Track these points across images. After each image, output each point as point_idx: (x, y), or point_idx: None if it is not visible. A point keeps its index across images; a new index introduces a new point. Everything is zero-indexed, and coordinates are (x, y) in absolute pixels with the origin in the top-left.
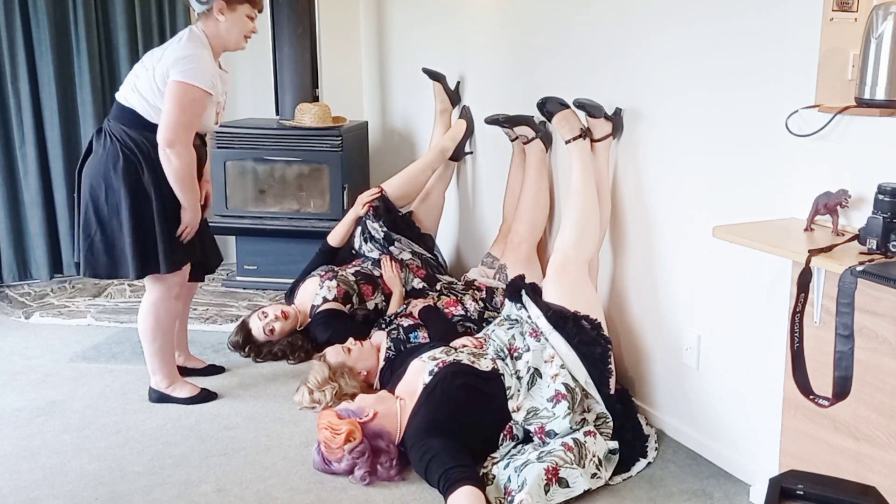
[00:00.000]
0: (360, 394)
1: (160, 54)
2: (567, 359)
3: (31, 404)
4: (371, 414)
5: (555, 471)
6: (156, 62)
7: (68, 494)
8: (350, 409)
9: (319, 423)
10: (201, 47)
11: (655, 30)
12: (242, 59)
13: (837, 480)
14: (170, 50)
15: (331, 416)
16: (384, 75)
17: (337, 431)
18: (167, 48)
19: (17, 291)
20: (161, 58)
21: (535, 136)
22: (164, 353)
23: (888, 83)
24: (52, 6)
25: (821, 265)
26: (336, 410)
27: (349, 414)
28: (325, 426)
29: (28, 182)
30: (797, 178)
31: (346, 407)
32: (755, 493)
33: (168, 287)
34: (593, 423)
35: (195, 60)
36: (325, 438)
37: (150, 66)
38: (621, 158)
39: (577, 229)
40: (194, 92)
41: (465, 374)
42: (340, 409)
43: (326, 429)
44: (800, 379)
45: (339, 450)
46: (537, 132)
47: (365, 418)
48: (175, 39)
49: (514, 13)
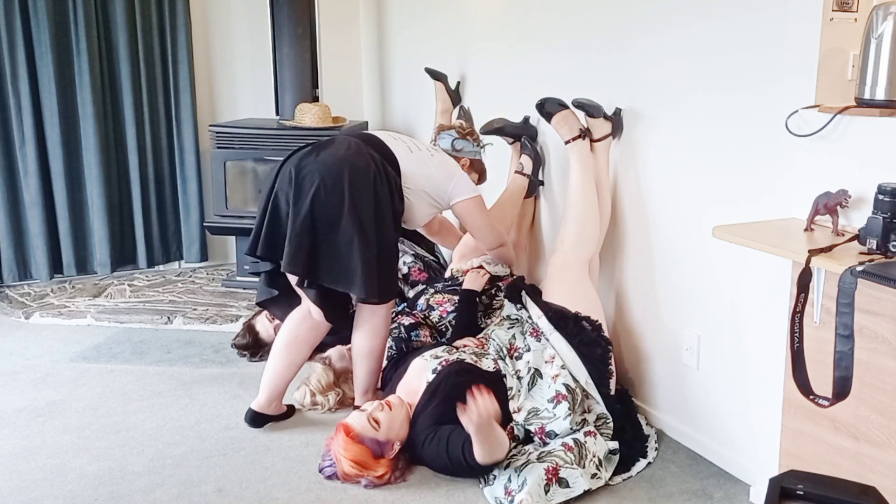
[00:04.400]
0: (377, 406)
1: (443, 159)
2: (567, 359)
3: (31, 404)
4: (398, 447)
5: (555, 471)
6: (440, 163)
7: (68, 494)
8: (379, 442)
9: (342, 452)
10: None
11: (655, 30)
12: (242, 59)
13: (837, 480)
14: (454, 166)
15: (364, 455)
16: (384, 75)
17: (370, 471)
18: (450, 162)
19: (17, 291)
20: (444, 165)
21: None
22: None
23: (888, 83)
24: (52, 6)
25: (821, 265)
26: (367, 445)
27: (380, 450)
28: (353, 462)
29: (28, 182)
30: (797, 178)
31: (374, 439)
32: (755, 493)
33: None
34: (593, 423)
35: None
36: (350, 473)
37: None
38: (621, 158)
39: (577, 229)
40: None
41: (468, 373)
42: (370, 443)
43: (355, 467)
44: (800, 379)
45: (368, 483)
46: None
47: (392, 454)
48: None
49: (515, 13)
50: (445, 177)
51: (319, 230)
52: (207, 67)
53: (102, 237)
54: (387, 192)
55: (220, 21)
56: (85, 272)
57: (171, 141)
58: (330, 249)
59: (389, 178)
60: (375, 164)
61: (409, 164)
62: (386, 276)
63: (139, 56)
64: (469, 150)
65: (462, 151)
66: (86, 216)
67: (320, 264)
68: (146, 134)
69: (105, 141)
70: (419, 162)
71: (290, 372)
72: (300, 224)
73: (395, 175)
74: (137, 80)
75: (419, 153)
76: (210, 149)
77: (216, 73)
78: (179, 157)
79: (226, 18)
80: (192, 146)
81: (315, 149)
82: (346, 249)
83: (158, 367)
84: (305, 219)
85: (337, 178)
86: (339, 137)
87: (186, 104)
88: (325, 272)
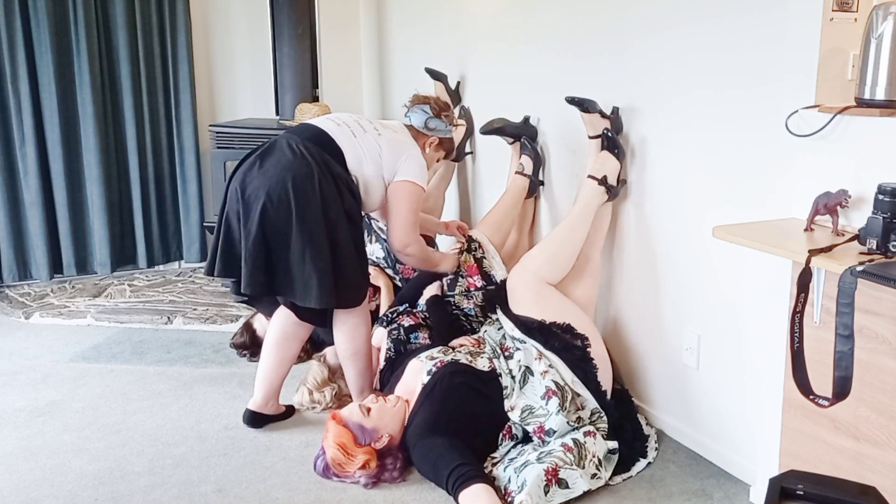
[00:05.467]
0: (373, 398)
1: (392, 137)
2: (552, 359)
3: (31, 404)
4: (387, 440)
5: (554, 471)
6: (388, 143)
7: (68, 494)
8: (365, 429)
9: (329, 435)
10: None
11: (655, 30)
12: (242, 58)
13: (837, 480)
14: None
15: (345, 438)
16: (384, 75)
17: (352, 457)
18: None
19: (17, 291)
20: (394, 144)
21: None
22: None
23: (888, 83)
24: (52, 6)
25: (821, 265)
26: (351, 428)
27: (365, 437)
28: (338, 446)
29: (28, 182)
30: (797, 178)
31: (360, 424)
32: (755, 493)
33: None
34: (589, 419)
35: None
36: (336, 459)
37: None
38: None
39: (546, 259)
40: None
41: (464, 374)
42: (354, 427)
43: (340, 450)
44: (800, 379)
45: (350, 473)
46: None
47: (379, 445)
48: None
49: (515, 13)
50: (395, 154)
51: (272, 246)
52: (207, 67)
53: (102, 237)
54: (334, 192)
55: (220, 21)
56: (85, 272)
57: (171, 141)
58: (284, 264)
59: (335, 175)
60: (318, 165)
61: (355, 153)
62: (347, 281)
63: (139, 56)
64: (442, 130)
65: (435, 131)
66: (86, 216)
67: (277, 279)
68: (146, 134)
69: (105, 141)
70: (365, 146)
71: (282, 368)
72: (252, 243)
73: (342, 168)
74: (137, 80)
75: (365, 136)
76: (210, 149)
77: (216, 73)
78: (179, 157)
79: (226, 18)
80: (192, 146)
81: (257, 158)
82: (298, 262)
83: (158, 367)
84: (257, 237)
85: (282, 191)
86: (281, 140)
87: (186, 104)
88: (283, 287)
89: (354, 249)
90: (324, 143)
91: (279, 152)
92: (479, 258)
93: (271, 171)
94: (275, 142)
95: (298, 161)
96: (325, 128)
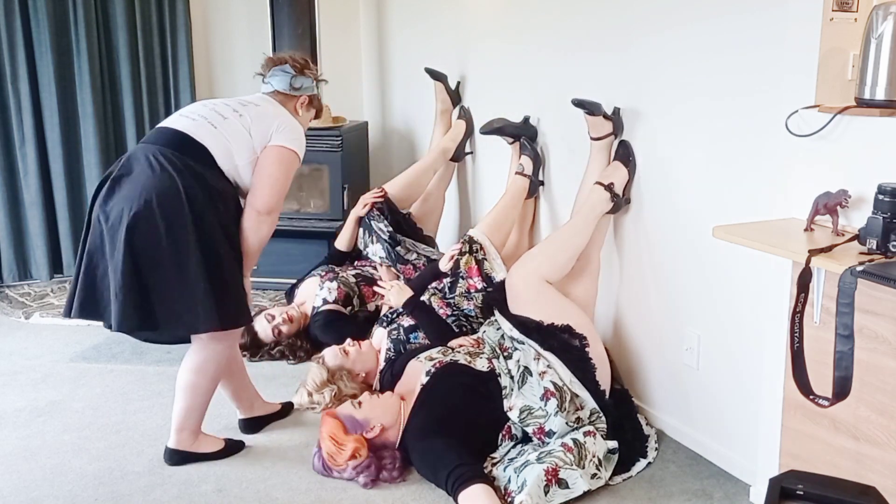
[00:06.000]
0: (367, 395)
1: (256, 113)
2: (550, 359)
3: (31, 404)
4: (378, 430)
5: (554, 472)
6: (254, 121)
7: (68, 494)
8: (356, 419)
9: (322, 429)
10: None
11: (655, 30)
12: (242, 58)
13: (837, 480)
14: (274, 115)
15: (335, 428)
16: (384, 75)
17: (342, 446)
18: (267, 111)
19: (17, 291)
20: (261, 119)
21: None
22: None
23: (888, 83)
24: (52, 6)
25: (821, 265)
26: (341, 419)
27: (355, 426)
28: (329, 437)
29: (28, 182)
30: (797, 178)
31: (350, 415)
32: (755, 493)
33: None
34: (588, 419)
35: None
36: (328, 451)
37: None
38: None
39: (546, 259)
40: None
41: (462, 375)
42: (345, 418)
43: (331, 441)
44: (800, 379)
45: (343, 464)
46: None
47: (371, 434)
48: (267, 102)
49: (515, 13)
50: (264, 129)
51: (144, 273)
52: (207, 67)
53: None
54: (205, 201)
55: (220, 21)
56: None
57: None
58: (161, 293)
59: (202, 184)
60: (183, 176)
61: (221, 146)
62: (232, 298)
63: (139, 56)
64: (308, 86)
65: (302, 89)
66: (86, 216)
67: (156, 311)
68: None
69: (105, 141)
70: (230, 134)
71: (240, 376)
72: (122, 274)
73: (210, 169)
74: (137, 80)
75: (226, 123)
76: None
77: (216, 73)
78: None
79: (226, 18)
80: None
81: (114, 182)
82: (178, 286)
83: (158, 367)
84: (126, 266)
85: (148, 215)
86: (137, 154)
87: (186, 104)
88: (164, 318)
89: (235, 262)
90: (184, 146)
91: (138, 169)
92: (480, 260)
93: (133, 192)
94: (130, 157)
95: (159, 177)
96: (182, 127)
